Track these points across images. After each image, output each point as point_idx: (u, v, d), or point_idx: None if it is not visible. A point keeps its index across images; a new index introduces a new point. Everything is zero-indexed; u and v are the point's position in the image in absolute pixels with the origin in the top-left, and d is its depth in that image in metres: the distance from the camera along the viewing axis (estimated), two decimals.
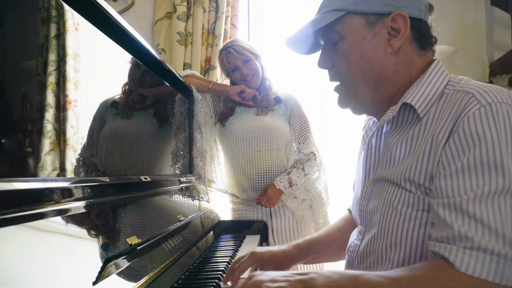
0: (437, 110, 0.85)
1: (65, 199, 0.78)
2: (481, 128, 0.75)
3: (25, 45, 0.80)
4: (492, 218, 0.70)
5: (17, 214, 0.63)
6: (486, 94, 0.78)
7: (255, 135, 2.06)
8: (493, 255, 0.69)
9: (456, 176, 0.76)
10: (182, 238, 1.27)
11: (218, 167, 2.25)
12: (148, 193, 1.21)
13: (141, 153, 1.33)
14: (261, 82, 2.17)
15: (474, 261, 0.70)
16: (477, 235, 0.70)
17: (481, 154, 0.74)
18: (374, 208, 0.93)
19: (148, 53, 1.34)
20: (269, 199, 2.04)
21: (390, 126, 0.97)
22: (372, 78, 0.94)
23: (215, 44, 2.49)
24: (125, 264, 0.87)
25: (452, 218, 0.74)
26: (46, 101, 0.83)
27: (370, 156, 1.02)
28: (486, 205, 0.71)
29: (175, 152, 1.73)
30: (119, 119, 1.18)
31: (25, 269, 0.59)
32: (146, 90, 1.41)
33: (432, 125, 0.83)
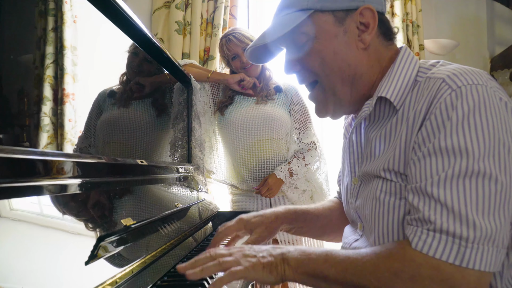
0: (411, 99, 0.85)
1: (60, 174, 0.77)
2: (449, 112, 0.75)
3: (22, 38, 0.79)
4: (456, 200, 0.71)
5: (12, 185, 0.63)
6: (456, 78, 0.78)
7: (255, 124, 2.06)
8: (455, 237, 0.70)
9: (424, 160, 0.77)
10: (179, 225, 1.27)
11: (217, 157, 2.24)
12: (144, 178, 1.21)
13: (139, 143, 1.33)
14: (261, 71, 2.16)
15: (434, 241, 0.71)
16: (439, 218, 0.72)
17: (446, 137, 0.74)
18: (363, 204, 0.94)
19: (148, 39, 1.34)
20: (269, 188, 2.03)
21: (368, 121, 0.96)
22: (349, 76, 0.93)
23: (214, 34, 2.48)
24: (119, 244, 0.87)
25: (419, 202, 0.76)
26: (44, 95, 0.83)
27: (352, 152, 1.02)
28: (451, 188, 0.72)
29: (173, 142, 1.72)
30: (116, 109, 1.17)
31: (15, 246, 0.59)
32: (144, 79, 1.40)
33: (408, 114, 0.84)
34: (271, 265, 0.80)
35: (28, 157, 0.67)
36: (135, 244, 0.95)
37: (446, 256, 0.70)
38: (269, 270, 0.79)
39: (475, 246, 0.69)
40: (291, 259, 0.80)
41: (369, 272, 0.74)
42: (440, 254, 0.71)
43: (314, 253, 0.81)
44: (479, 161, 0.72)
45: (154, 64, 1.51)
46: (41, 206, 0.69)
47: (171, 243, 1.12)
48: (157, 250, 1.01)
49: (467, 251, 0.69)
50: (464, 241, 0.69)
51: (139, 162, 1.14)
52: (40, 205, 0.69)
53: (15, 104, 0.76)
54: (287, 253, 0.81)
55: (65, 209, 0.75)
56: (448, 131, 0.74)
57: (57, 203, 0.73)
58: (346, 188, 1.07)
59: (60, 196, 0.75)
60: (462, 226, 0.70)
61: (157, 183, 1.30)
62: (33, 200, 0.67)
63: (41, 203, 0.69)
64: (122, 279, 0.80)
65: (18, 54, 0.78)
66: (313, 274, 0.79)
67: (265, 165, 2.09)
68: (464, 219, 0.70)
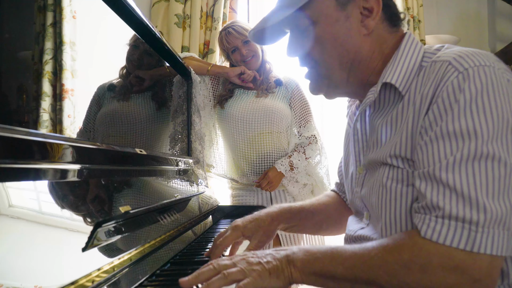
0: (417, 84, 0.83)
1: (56, 157, 0.75)
2: (456, 95, 0.74)
3: (21, 33, 0.79)
4: (465, 184, 0.70)
5: (10, 166, 0.62)
6: (462, 60, 0.76)
7: (256, 117, 2.06)
8: (465, 222, 0.69)
9: (431, 144, 0.75)
10: (178, 216, 1.27)
11: (217, 151, 2.24)
12: (143, 169, 1.21)
13: (138, 136, 1.32)
14: (261, 64, 2.15)
15: (443, 228, 0.70)
16: (448, 203, 0.71)
17: (453, 120, 0.73)
18: (369, 192, 0.92)
19: (149, 30, 1.34)
20: (269, 181, 2.03)
21: (373, 108, 0.95)
22: (347, 62, 0.91)
23: (214, 27, 2.47)
24: (117, 231, 0.86)
25: (427, 187, 0.74)
26: (43, 90, 0.83)
27: (357, 141, 1.01)
28: (460, 171, 0.71)
29: (173, 136, 1.72)
30: (116, 102, 1.17)
31: (12, 232, 0.59)
32: (143, 72, 1.40)
33: (414, 99, 0.82)
34: (277, 270, 0.78)
35: (23, 137, 0.65)
36: (134, 233, 0.94)
37: (456, 243, 0.69)
38: (276, 275, 0.78)
39: (485, 230, 0.68)
40: (296, 260, 0.79)
41: (378, 266, 0.73)
42: (450, 241, 0.69)
43: (319, 251, 0.79)
44: (487, 143, 0.71)
45: (154, 57, 1.51)
46: (38, 194, 0.68)
47: (170, 233, 1.12)
48: (156, 239, 1.01)
49: (478, 236, 0.68)
50: (474, 225, 0.68)
51: (138, 151, 1.13)
52: (37, 194, 0.68)
53: (14, 100, 0.76)
54: (291, 255, 0.80)
55: (61, 196, 0.74)
56: (456, 114, 0.73)
57: (53, 190, 0.73)
58: (350, 177, 1.06)
59: (56, 183, 0.74)
60: (472, 210, 0.69)
61: (156, 175, 1.30)
62: (32, 196, 0.67)
63: (39, 198, 0.69)
64: (120, 266, 0.80)
65: (17, 49, 0.78)
66: (320, 273, 0.78)
67: (265, 159, 2.09)
68: (474, 203, 0.69)
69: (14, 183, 0.62)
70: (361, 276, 0.74)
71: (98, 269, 0.71)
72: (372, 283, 0.74)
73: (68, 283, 0.61)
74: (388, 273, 0.72)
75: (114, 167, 1.00)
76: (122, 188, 0.98)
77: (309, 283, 0.80)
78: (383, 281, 0.73)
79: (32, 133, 0.67)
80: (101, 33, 1.09)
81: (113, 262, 0.77)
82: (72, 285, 0.62)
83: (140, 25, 1.29)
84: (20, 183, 0.64)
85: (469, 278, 0.68)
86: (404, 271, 0.71)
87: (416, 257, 0.71)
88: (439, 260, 0.70)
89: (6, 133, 0.60)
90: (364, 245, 0.78)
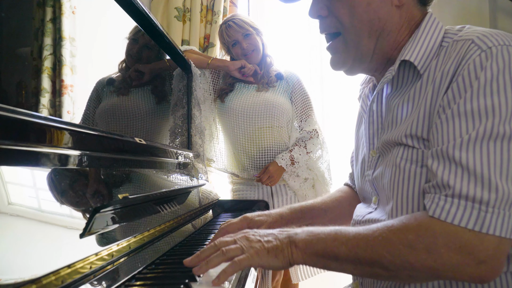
0: (437, 64, 0.81)
1: (53, 141, 0.74)
2: (478, 73, 0.72)
3: (20, 29, 0.79)
4: (478, 163, 0.69)
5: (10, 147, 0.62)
6: (486, 39, 0.75)
7: (256, 111, 2.05)
8: (475, 202, 0.68)
9: (447, 123, 0.74)
10: (178, 207, 1.28)
11: (218, 145, 2.24)
12: (143, 159, 1.21)
13: (138, 130, 1.32)
14: (262, 58, 2.15)
15: (453, 207, 0.69)
16: (459, 182, 0.70)
17: (472, 99, 0.72)
18: (381, 173, 0.90)
19: (149, 21, 1.33)
20: (270, 176, 2.04)
21: (391, 88, 0.92)
22: (377, 30, 0.89)
23: (214, 21, 2.47)
24: (115, 217, 0.86)
25: (439, 166, 0.73)
26: (42, 86, 0.83)
27: (372, 123, 0.98)
28: (474, 150, 0.70)
29: (173, 129, 1.72)
30: (115, 97, 1.17)
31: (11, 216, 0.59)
32: (143, 66, 1.39)
33: (434, 77, 0.80)
34: (276, 249, 0.78)
35: (20, 118, 0.64)
36: (133, 222, 0.95)
37: (465, 222, 0.68)
38: (275, 254, 0.77)
39: (495, 211, 0.67)
40: (298, 241, 0.78)
41: (381, 247, 0.72)
42: (458, 220, 0.68)
43: (322, 232, 0.78)
44: (505, 123, 0.69)
45: (153, 51, 1.51)
46: (37, 191, 0.68)
47: (170, 224, 1.12)
48: (156, 229, 1.01)
49: (488, 216, 0.67)
50: (485, 205, 0.67)
51: (138, 140, 1.12)
52: (36, 190, 0.68)
53: (13, 96, 0.76)
54: (294, 235, 0.79)
55: (58, 183, 0.73)
56: (475, 92, 0.72)
57: (50, 178, 0.72)
58: (361, 162, 1.04)
59: (53, 170, 0.73)
60: (484, 190, 0.68)
61: (156, 167, 1.29)
62: (32, 194, 0.67)
63: (38, 194, 0.68)
64: (119, 252, 0.80)
65: (16, 45, 0.78)
66: (322, 254, 0.76)
67: (266, 153, 2.09)
68: (486, 182, 0.68)
69: (12, 179, 0.62)
70: (363, 256, 0.73)
71: (96, 254, 0.72)
72: (374, 264, 0.73)
73: (64, 265, 0.61)
74: (391, 253, 0.71)
75: (113, 155, 0.99)
76: (121, 179, 0.97)
77: (310, 264, 0.79)
78: (386, 261, 0.72)
79: (28, 113, 0.66)
80: (100, 29, 1.10)
81: (111, 248, 0.78)
82: (68, 268, 0.62)
83: (140, 16, 1.28)
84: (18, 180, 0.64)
85: (475, 259, 0.67)
86: (408, 251, 0.70)
87: (421, 237, 0.70)
88: (445, 240, 0.68)
89: (5, 112, 0.60)
90: (369, 226, 0.77)
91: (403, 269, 0.72)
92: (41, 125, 0.69)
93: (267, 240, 0.79)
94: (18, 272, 0.52)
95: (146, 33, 1.38)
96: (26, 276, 0.52)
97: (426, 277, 0.73)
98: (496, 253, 0.67)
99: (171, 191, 1.26)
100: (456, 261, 0.68)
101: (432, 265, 0.69)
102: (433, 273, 0.70)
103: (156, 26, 1.39)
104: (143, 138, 1.30)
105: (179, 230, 1.19)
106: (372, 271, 0.75)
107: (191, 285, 0.73)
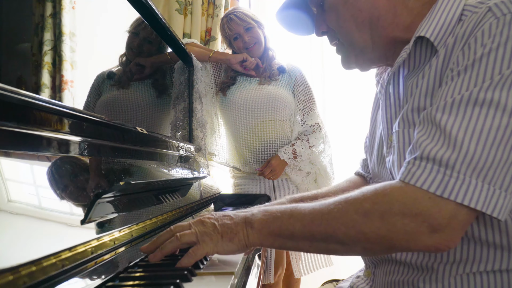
0: (456, 37, 0.77)
1: (55, 126, 0.74)
2: (485, 40, 0.70)
3: (20, 24, 0.79)
4: (456, 126, 0.67)
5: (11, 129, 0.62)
6: (503, 6, 0.71)
7: (258, 105, 2.06)
8: (441, 165, 0.66)
9: (442, 88, 0.73)
10: (180, 197, 1.29)
11: (219, 139, 2.24)
12: (144, 150, 1.20)
13: (139, 124, 1.33)
14: (264, 51, 2.15)
15: (419, 170, 0.68)
16: (431, 144, 0.68)
17: (473, 64, 0.69)
18: (393, 160, 0.88)
19: (151, 12, 1.33)
20: (272, 170, 2.05)
21: (407, 68, 0.89)
22: (364, 21, 0.88)
23: (216, 14, 2.46)
24: (117, 203, 0.86)
25: (419, 128, 0.72)
26: (42, 82, 0.83)
27: (389, 106, 0.94)
28: (457, 113, 0.67)
29: (174, 123, 1.72)
30: (115, 90, 1.17)
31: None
32: (144, 59, 1.39)
33: (450, 51, 0.77)
34: (231, 233, 0.77)
35: (21, 98, 0.64)
36: (134, 210, 0.95)
37: (427, 185, 0.66)
38: (229, 238, 0.77)
39: (460, 176, 0.65)
40: (254, 221, 0.77)
41: (336, 219, 0.71)
42: (421, 183, 0.67)
43: (279, 210, 0.77)
44: (495, 89, 0.66)
45: (154, 44, 1.50)
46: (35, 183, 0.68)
47: (172, 214, 1.13)
48: (158, 218, 1.02)
49: (451, 181, 0.65)
50: (450, 169, 0.66)
51: (139, 130, 1.13)
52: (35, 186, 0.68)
53: None
54: (250, 216, 0.78)
55: (58, 171, 0.73)
56: (478, 58, 0.69)
57: (50, 166, 0.72)
58: (378, 148, 1.01)
59: (53, 157, 0.73)
60: (453, 154, 0.66)
61: (157, 159, 1.30)
62: (31, 190, 0.67)
63: (36, 180, 0.69)
64: (121, 240, 0.81)
65: (16, 41, 0.78)
66: (278, 233, 0.75)
67: (268, 147, 2.09)
68: (458, 146, 0.66)
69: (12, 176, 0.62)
70: (318, 231, 0.72)
71: (97, 239, 0.72)
72: (329, 239, 0.72)
73: (65, 248, 0.62)
74: (346, 224, 0.70)
75: (114, 143, 0.99)
76: (121, 170, 0.97)
77: (267, 244, 0.78)
78: (340, 234, 0.70)
79: (30, 95, 0.65)
80: (100, 24, 1.10)
81: (113, 235, 0.78)
82: (69, 252, 0.62)
83: (143, 7, 1.28)
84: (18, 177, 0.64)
85: (429, 227, 0.66)
86: (362, 220, 0.69)
87: (377, 204, 0.69)
88: (401, 207, 0.67)
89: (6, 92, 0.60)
90: (326, 200, 0.75)
91: (358, 241, 0.70)
92: (41, 107, 0.69)
93: (222, 223, 0.78)
94: (18, 255, 0.52)
95: (148, 25, 1.38)
96: (26, 258, 0.52)
97: (381, 249, 0.72)
98: (451, 222, 0.66)
99: (173, 181, 1.27)
100: (410, 229, 0.66)
101: (386, 234, 0.68)
102: (387, 243, 0.69)
103: (159, 18, 1.39)
104: None
105: (181, 218, 1.19)
106: (327, 247, 0.74)
107: (195, 272, 0.74)
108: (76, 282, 0.62)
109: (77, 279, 0.63)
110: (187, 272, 0.70)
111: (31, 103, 0.65)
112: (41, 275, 0.54)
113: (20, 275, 0.50)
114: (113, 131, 0.98)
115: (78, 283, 0.62)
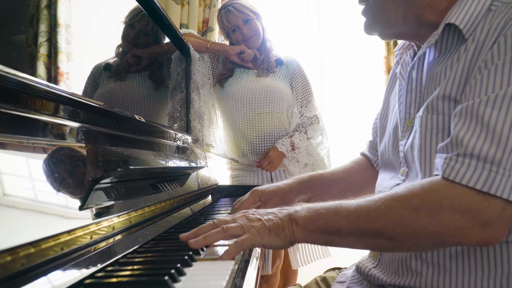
0: (484, 27, 0.77)
1: (51, 111, 0.74)
2: None
3: (15, 16, 0.79)
4: (501, 122, 0.66)
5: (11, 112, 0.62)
6: None
7: (256, 97, 2.06)
8: (486, 162, 0.66)
9: (480, 82, 0.71)
10: (178, 186, 1.30)
11: (217, 131, 2.24)
12: (141, 139, 1.21)
13: (136, 114, 1.33)
14: (262, 43, 2.15)
15: (463, 167, 0.68)
16: (474, 140, 0.68)
17: (505, 57, 0.69)
18: (414, 143, 0.87)
19: (149, 0, 1.34)
20: (270, 161, 2.05)
21: (433, 55, 0.88)
22: None
23: (213, 5, 2.46)
24: (114, 189, 0.87)
25: (459, 122, 0.71)
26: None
27: (410, 91, 0.93)
28: (500, 108, 0.67)
29: (171, 114, 1.73)
30: (112, 82, 1.18)
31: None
32: (140, 50, 1.40)
33: (479, 41, 0.77)
34: (278, 228, 0.77)
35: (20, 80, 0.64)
36: (132, 197, 0.96)
37: (473, 182, 0.66)
38: (276, 233, 0.77)
39: (506, 173, 0.65)
40: (299, 218, 0.77)
41: (384, 216, 0.71)
42: (467, 180, 0.67)
43: (323, 207, 0.78)
44: None
45: (151, 35, 1.50)
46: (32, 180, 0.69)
47: (170, 203, 1.14)
48: (156, 205, 1.03)
49: (498, 177, 0.65)
50: (496, 166, 0.66)
51: (137, 118, 1.13)
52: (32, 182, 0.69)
53: None
54: (294, 213, 0.78)
55: (55, 160, 0.73)
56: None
57: (47, 156, 0.72)
58: (393, 130, 0.99)
59: (50, 145, 0.74)
60: (498, 150, 0.66)
61: (155, 148, 1.31)
62: (27, 185, 0.68)
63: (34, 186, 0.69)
64: (120, 227, 0.81)
65: (11, 32, 0.78)
66: (324, 229, 0.76)
67: (265, 139, 2.10)
68: (504, 142, 0.66)
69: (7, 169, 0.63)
70: (366, 227, 0.73)
71: (96, 224, 0.72)
72: (377, 235, 0.73)
73: (64, 231, 0.62)
74: (394, 221, 0.71)
75: (111, 130, 0.99)
76: (119, 159, 0.98)
77: (312, 241, 0.78)
78: (389, 230, 0.71)
79: (26, 78, 0.66)
80: (96, 16, 1.10)
81: (112, 220, 0.79)
82: (68, 235, 0.63)
83: None
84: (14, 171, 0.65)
85: (479, 221, 0.67)
86: (411, 217, 0.69)
87: (426, 200, 0.69)
88: (450, 203, 0.68)
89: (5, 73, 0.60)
90: (371, 197, 0.76)
91: (407, 237, 0.71)
92: (38, 90, 0.69)
93: (268, 218, 0.78)
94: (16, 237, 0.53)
95: (145, 15, 1.38)
96: (24, 240, 0.53)
97: (430, 244, 0.73)
98: (501, 216, 0.66)
99: (170, 168, 1.28)
100: (460, 224, 0.67)
101: (436, 230, 0.69)
102: (437, 239, 0.70)
103: (157, 8, 1.39)
104: None
105: (179, 211, 1.20)
106: (375, 242, 0.75)
107: (195, 257, 0.74)
108: (76, 265, 0.63)
109: (77, 262, 0.63)
110: (187, 257, 0.71)
111: (29, 85, 0.66)
112: (40, 257, 0.55)
113: (18, 256, 0.51)
114: (111, 119, 0.98)
115: (78, 267, 0.63)
